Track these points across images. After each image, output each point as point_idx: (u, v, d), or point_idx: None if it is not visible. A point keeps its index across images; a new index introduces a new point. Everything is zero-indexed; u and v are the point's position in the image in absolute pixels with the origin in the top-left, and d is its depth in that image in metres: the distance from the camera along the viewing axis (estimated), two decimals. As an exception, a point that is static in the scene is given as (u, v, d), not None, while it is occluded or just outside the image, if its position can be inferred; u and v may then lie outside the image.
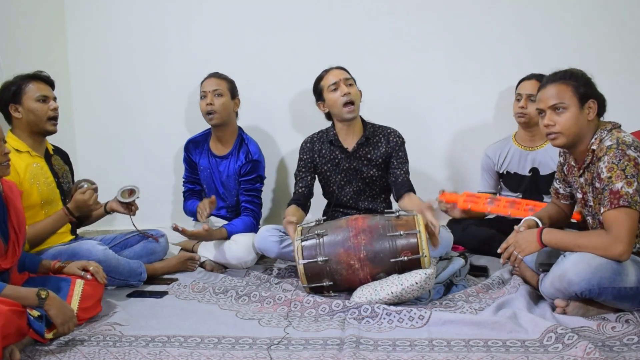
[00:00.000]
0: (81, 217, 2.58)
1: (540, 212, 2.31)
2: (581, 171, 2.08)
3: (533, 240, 2.06)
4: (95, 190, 2.50)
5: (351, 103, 2.62)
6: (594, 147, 2.00)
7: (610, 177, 1.91)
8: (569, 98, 2.01)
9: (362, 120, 2.75)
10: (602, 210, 1.94)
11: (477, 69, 3.17)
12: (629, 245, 1.89)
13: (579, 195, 2.14)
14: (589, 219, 2.14)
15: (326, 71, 2.72)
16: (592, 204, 2.07)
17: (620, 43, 3.06)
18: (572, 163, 2.16)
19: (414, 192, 2.64)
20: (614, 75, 3.04)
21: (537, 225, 2.14)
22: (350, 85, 2.65)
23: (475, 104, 3.20)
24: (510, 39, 3.13)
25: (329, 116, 2.76)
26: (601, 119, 2.06)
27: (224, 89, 2.90)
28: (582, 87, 2.01)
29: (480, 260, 2.77)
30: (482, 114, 3.21)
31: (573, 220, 2.42)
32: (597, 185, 1.99)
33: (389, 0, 3.20)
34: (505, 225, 2.49)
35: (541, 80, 2.70)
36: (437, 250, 2.41)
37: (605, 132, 2.00)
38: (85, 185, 2.50)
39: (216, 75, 2.95)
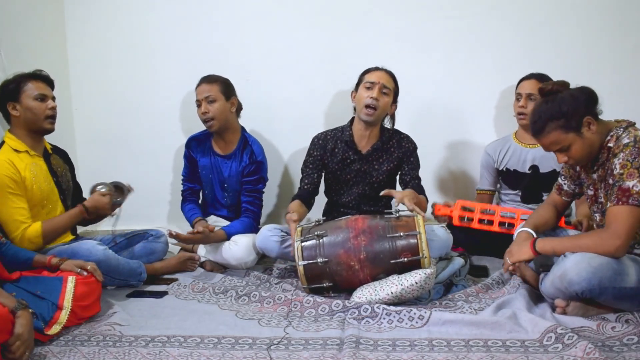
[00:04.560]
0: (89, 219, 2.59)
1: (533, 218, 2.29)
2: (595, 167, 2.06)
3: (527, 249, 2.09)
4: (118, 198, 2.57)
5: (372, 108, 2.56)
6: (610, 144, 1.97)
7: (622, 174, 1.90)
8: (565, 138, 1.97)
9: (382, 127, 2.71)
10: (609, 205, 1.93)
11: (477, 69, 3.17)
12: (625, 242, 1.89)
13: (590, 192, 2.13)
14: (597, 216, 2.12)
15: (375, 68, 2.64)
16: (602, 200, 2.05)
17: (620, 42, 3.06)
18: None
19: (425, 196, 2.62)
20: (614, 75, 3.04)
21: (532, 236, 2.14)
22: (384, 93, 2.57)
23: (475, 104, 3.20)
24: (511, 39, 3.13)
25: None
26: (600, 116, 2.01)
27: (216, 93, 2.83)
28: (567, 119, 1.95)
29: (480, 260, 2.77)
30: (482, 113, 3.20)
31: None
32: (610, 181, 1.96)
33: (391, 0, 3.19)
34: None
35: (541, 79, 2.73)
36: (436, 250, 2.42)
37: (622, 129, 1.97)
38: (105, 189, 2.54)
39: (206, 80, 2.87)
